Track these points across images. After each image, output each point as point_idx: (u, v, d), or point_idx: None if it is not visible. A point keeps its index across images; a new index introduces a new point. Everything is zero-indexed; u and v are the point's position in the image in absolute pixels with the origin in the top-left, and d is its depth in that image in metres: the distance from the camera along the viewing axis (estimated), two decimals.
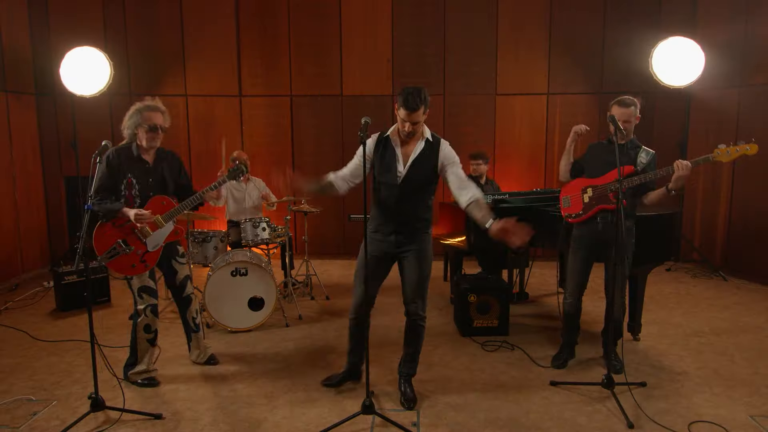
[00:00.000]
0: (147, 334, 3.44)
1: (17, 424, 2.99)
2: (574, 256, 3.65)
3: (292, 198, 5.29)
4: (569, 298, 3.70)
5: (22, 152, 6.24)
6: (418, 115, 2.95)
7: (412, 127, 2.98)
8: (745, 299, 5.30)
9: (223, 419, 3.04)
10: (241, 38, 6.88)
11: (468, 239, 4.54)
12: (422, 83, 6.75)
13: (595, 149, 3.71)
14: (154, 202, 3.35)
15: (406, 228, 3.10)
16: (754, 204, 5.93)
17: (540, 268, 6.54)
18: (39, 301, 5.33)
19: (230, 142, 6.97)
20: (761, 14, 5.80)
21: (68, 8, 6.57)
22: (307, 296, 5.46)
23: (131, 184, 3.33)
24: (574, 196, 3.65)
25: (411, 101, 2.90)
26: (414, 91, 2.91)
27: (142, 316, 3.39)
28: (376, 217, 3.17)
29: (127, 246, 3.28)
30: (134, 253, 3.30)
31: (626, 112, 3.46)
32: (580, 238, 3.63)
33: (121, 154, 3.34)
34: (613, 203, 3.42)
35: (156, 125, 3.34)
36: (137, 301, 3.40)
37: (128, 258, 3.29)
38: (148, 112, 3.33)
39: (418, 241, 3.12)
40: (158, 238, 3.37)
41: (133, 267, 3.32)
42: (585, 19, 6.78)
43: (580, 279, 3.64)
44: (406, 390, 3.26)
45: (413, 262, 3.12)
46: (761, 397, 3.27)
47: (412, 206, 3.09)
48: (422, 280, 3.14)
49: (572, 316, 3.73)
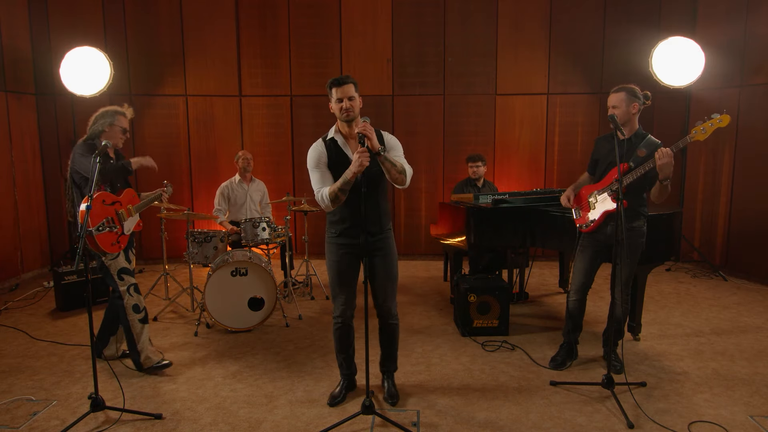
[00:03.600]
0: (137, 313, 3.57)
1: (17, 424, 3.00)
2: (581, 255, 3.63)
3: (292, 198, 5.29)
4: (573, 296, 3.68)
5: (22, 152, 6.24)
6: (349, 89, 2.94)
7: (349, 103, 2.93)
8: (745, 299, 5.30)
9: (223, 419, 3.05)
10: (241, 38, 6.88)
11: (468, 239, 4.54)
12: (422, 83, 6.90)
13: (601, 144, 3.64)
14: (127, 194, 3.59)
15: (374, 226, 3.04)
16: (754, 204, 5.93)
17: (540, 268, 6.55)
18: (39, 301, 5.33)
19: (230, 143, 7.00)
20: (761, 14, 5.80)
21: (68, 8, 6.57)
22: (307, 296, 5.46)
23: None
24: (584, 206, 3.62)
25: (339, 78, 2.95)
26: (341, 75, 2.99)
27: (126, 297, 3.54)
28: (341, 221, 3.06)
29: (114, 225, 3.46)
30: (115, 233, 3.47)
31: (613, 97, 3.39)
32: (588, 239, 3.61)
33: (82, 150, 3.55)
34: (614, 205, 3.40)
35: (126, 129, 3.70)
36: (119, 284, 3.54)
37: (112, 235, 3.46)
38: (121, 116, 3.63)
39: (385, 239, 3.10)
40: (130, 224, 3.58)
41: (112, 245, 3.46)
42: (585, 19, 6.78)
43: (585, 278, 3.62)
44: (389, 386, 3.30)
45: (381, 262, 3.09)
46: (761, 397, 3.27)
47: (375, 201, 3.03)
48: (392, 279, 3.13)
49: (576, 314, 3.71)
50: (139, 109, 6.76)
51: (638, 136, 3.44)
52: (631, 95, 3.36)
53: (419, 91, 6.95)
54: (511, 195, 4.77)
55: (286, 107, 7.00)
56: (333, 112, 3.02)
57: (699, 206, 6.58)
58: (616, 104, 3.37)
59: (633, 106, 3.37)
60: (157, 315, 4.79)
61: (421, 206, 7.11)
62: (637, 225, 3.47)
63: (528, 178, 7.02)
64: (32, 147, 6.47)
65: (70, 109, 6.26)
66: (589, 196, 3.59)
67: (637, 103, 3.37)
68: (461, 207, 4.63)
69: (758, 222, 5.90)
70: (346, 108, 2.94)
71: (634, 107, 3.37)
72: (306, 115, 7.01)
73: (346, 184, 2.85)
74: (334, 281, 3.14)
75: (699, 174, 6.55)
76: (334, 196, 2.89)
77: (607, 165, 3.50)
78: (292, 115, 7.01)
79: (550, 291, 5.65)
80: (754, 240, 5.95)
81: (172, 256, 6.66)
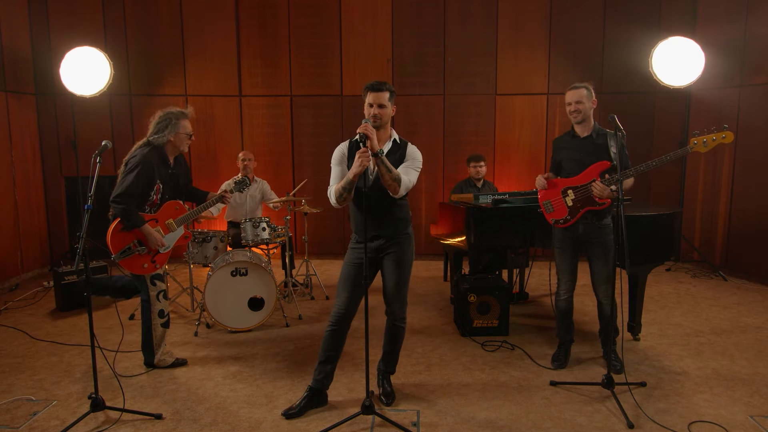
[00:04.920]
0: (161, 318, 3.60)
1: (17, 424, 2.99)
2: (561, 256, 3.67)
3: (292, 198, 5.29)
4: (563, 295, 3.71)
5: (22, 152, 6.24)
6: (383, 96, 2.97)
7: (378, 110, 2.96)
8: (745, 299, 5.30)
9: (223, 419, 3.04)
10: (241, 38, 6.88)
11: (468, 239, 4.54)
12: (422, 83, 6.90)
13: (560, 144, 3.67)
14: (168, 207, 3.50)
15: (386, 231, 3.09)
16: (754, 204, 5.93)
17: (540, 268, 6.54)
18: (39, 301, 5.33)
19: (230, 143, 7.00)
20: (761, 14, 5.80)
21: (68, 8, 6.57)
22: (307, 296, 5.46)
23: (158, 190, 3.47)
24: (557, 201, 3.61)
25: (376, 84, 2.98)
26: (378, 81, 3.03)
27: (154, 303, 3.54)
28: (354, 224, 3.16)
29: (141, 246, 3.39)
30: (146, 254, 3.41)
31: (573, 94, 3.44)
32: (562, 238, 3.65)
33: (155, 160, 3.40)
34: (600, 204, 3.43)
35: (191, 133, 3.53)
36: (150, 288, 3.52)
37: (141, 258, 3.41)
38: (185, 120, 3.47)
39: (399, 243, 3.11)
40: (170, 240, 3.52)
41: (144, 267, 3.45)
42: (585, 19, 6.78)
43: (570, 276, 3.67)
44: (386, 386, 3.30)
45: (393, 265, 3.11)
46: (761, 397, 3.27)
47: (388, 207, 3.07)
48: (402, 282, 3.14)
49: (566, 312, 3.74)
50: (139, 109, 6.76)
51: (599, 132, 3.50)
52: (590, 91, 3.46)
53: (419, 91, 6.95)
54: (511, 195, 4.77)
55: (286, 107, 7.00)
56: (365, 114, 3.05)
57: (699, 206, 6.58)
58: (580, 100, 3.43)
59: (593, 101, 3.47)
60: None
61: (421, 206, 7.11)
62: (607, 222, 3.53)
63: (528, 178, 7.02)
64: (32, 147, 6.47)
65: (70, 109, 6.26)
66: (563, 192, 3.58)
67: (595, 100, 3.49)
68: (461, 207, 4.63)
69: (758, 222, 5.90)
70: (374, 114, 2.98)
71: (594, 103, 3.48)
72: (306, 115, 7.01)
73: (348, 183, 2.90)
74: (338, 282, 3.17)
75: (699, 174, 6.55)
76: (339, 194, 2.96)
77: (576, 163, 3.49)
78: (292, 115, 7.01)
79: (550, 291, 5.65)
80: (754, 240, 5.95)
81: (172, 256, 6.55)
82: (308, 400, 3.12)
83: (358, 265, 3.06)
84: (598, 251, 3.54)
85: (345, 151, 3.10)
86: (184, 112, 3.52)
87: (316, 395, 3.15)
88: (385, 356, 3.35)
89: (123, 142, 6.74)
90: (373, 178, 3.02)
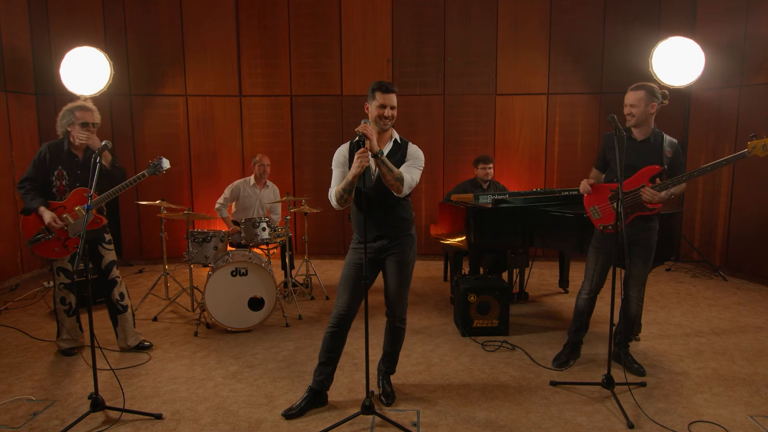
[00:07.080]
0: (63, 305, 3.88)
1: (17, 424, 2.99)
2: (598, 255, 3.55)
3: (292, 198, 5.29)
4: (586, 295, 3.63)
5: (22, 152, 6.24)
6: (395, 98, 2.98)
7: (391, 111, 2.97)
8: (745, 299, 5.30)
9: (223, 419, 3.04)
10: (241, 38, 6.88)
11: (468, 239, 4.54)
12: (422, 83, 6.90)
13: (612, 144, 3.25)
14: (77, 193, 3.71)
15: (389, 231, 3.08)
16: (754, 204, 5.93)
17: (540, 268, 6.55)
18: (39, 301, 5.33)
19: (230, 143, 7.00)
20: (761, 14, 5.80)
21: (68, 8, 6.57)
22: (307, 296, 5.46)
23: (62, 176, 3.73)
24: (604, 207, 3.47)
25: (388, 85, 2.98)
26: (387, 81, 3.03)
27: (57, 290, 3.85)
28: (355, 224, 3.14)
29: (50, 233, 3.66)
30: (56, 239, 3.67)
31: (631, 95, 3.29)
32: (603, 240, 3.51)
33: (52, 149, 3.74)
34: (650, 210, 3.35)
35: (88, 122, 3.71)
36: (55, 277, 3.83)
37: (51, 243, 3.67)
38: (79, 111, 3.70)
39: (401, 244, 3.10)
40: (79, 226, 3.69)
41: (56, 251, 3.70)
42: (585, 19, 6.78)
43: (599, 279, 3.58)
44: (385, 386, 3.30)
45: (395, 266, 3.10)
46: (761, 397, 3.27)
47: (391, 207, 3.06)
48: (404, 284, 3.14)
49: (583, 310, 3.67)
50: (139, 109, 6.76)
51: (657, 136, 3.37)
52: (650, 94, 3.28)
53: (419, 91, 6.95)
54: (511, 195, 4.78)
55: (286, 107, 7.00)
56: (368, 114, 3.03)
57: (699, 206, 6.58)
58: (634, 103, 3.29)
59: (651, 105, 3.29)
60: (157, 315, 4.79)
61: (421, 206, 7.11)
62: (653, 225, 3.47)
63: (528, 178, 7.02)
64: (32, 147, 6.45)
65: None
66: (610, 198, 3.44)
67: (655, 103, 3.29)
68: (461, 207, 4.63)
69: (758, 222, 5.90)
70: (388, 116, 2.98)
71: (652, 107, 3.29)
72: (306, 115, 7.01)
73: (348, 184, 2.89)
74: (339, 283, 3.16)
75: None
76: (339, 196, 2.95)
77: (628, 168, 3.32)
78: (292, 115, 7.01)
79: (550, 291, 5.65)
80: (754, 240, 5.95)
81: (172, 256, 6.65)
82: (308, 400, 3.12)
83: (360, 266, 3.04)
84: (642, 251, 3.44)
85: (346, 153, 3.09)
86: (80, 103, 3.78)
87: (316, 396, 3.15)
88: (385, 356, 3.35)
89: (123, 142, 6.77)
90: (375, 178, 3.01)
